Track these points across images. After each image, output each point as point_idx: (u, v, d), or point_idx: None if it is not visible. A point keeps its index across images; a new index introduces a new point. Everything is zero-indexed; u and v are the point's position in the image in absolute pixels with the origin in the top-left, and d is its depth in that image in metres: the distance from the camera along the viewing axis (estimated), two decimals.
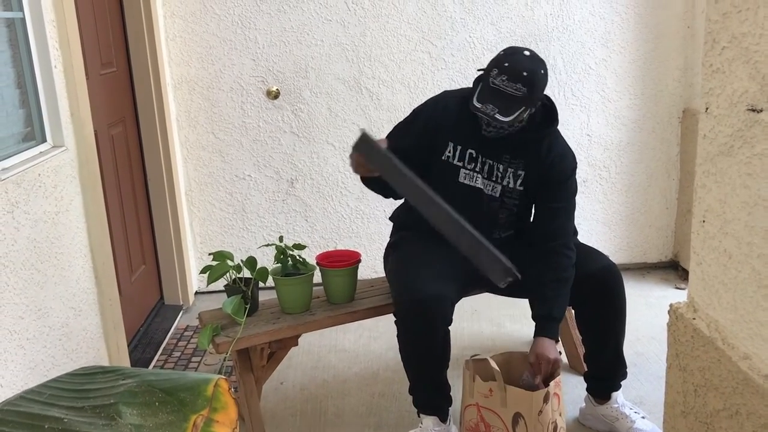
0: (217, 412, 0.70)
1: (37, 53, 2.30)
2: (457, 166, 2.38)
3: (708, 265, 1.32)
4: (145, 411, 0.63)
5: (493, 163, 2.36)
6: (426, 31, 3.63)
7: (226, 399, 0.70)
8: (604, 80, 3.73)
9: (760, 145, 1.12)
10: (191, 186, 3.79)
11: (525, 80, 2.14)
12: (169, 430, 0.61)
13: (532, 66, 2.18)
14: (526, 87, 2.15)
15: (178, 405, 0.64)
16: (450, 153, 2.38)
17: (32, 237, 2.10)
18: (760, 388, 1.13)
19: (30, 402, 0.65)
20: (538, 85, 2.19)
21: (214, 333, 2.37)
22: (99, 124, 2.88)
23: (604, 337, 2.43)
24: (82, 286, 2.44)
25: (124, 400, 0.64)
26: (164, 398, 0.64)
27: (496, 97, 2.17)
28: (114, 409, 0.63)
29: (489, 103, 2.17)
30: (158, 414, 0.63)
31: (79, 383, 0.69)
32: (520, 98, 2.16)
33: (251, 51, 3.62)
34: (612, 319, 2.40)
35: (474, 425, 2.24)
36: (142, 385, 0.66)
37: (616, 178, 3.87)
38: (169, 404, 0.64)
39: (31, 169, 2.12)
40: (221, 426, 0.69)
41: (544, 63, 2.25)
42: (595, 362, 2.50)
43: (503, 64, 2.17)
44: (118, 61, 3.24)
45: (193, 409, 0.63)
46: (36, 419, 0.62)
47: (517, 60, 2.18)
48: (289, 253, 2.51)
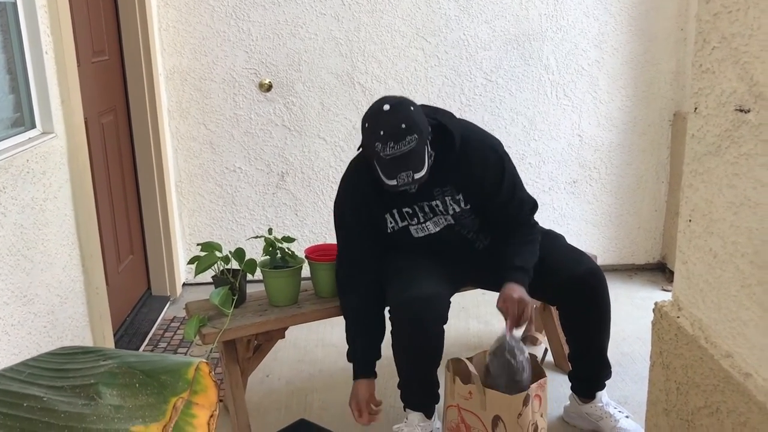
0: (197, 395, 0.70)
1: (28, 39, 2.29)
2: (404, 226, 2.36)
3: (693, 264, 1.33)
4: (125, 392, 0.63)
5: (430, 203, 2.33)
6: (420, 27, 3.63)
7: (206, 382, 0.70)
8: (597, 81, 3.75)
9: (747, 145, 1.13)
10: (181, 177, 3.77)
11: (408, 131, 2.08)
12: (148, 412, 0.61)
13: (401, 113, 2.11)
14: (413, 134, 2.09)
15: (158, 387, 0.64)
16: (392, 224, 2.37)
17: (19, 223, 2.08)
18: (740, 386, 1.14)
19: (9, 380, 0.65)
20: (420, 123, 2.13)
21: (200, 324, 2.36)
22: (90, 112, 2.86)
23: (587, 339, 2.44)
24: (69, 273, 2.43)
25: (104, 381, 0.64)
26: (145, 380, 0.64)
27: (400, 164, 2.10)
28: (94, 389, 0.63)
29: (401, 173, 2.11)
30: (138, 395, 0.63)
31: (60, 363, 0.69)
32: (416, 147, 2.10)
33: (244, 43, 3.61)
34: (595, 321, 2.40)
35: (455, 426, 2.24)
36: (123, 367, 0.66)
37: (606, 179, 3.89)
38: (149, 386, 0.64)
39: (19, 154, 2.11)
40: (201, 408, 0.69)
41: (406, 101, 2.18)
42: (579, 363, 2.51)
43: (380, 134, 2.09)
44: (110, 49, 3.23)
45: (174, 392, 0.63)
46: (15, 397, 0.62)
47: (387, 121, 2.10)
48: (278, 245, 2.51)
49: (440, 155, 2.27)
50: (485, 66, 3.69)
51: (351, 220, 2.38)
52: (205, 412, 0.68)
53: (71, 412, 0.61)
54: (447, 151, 2.28)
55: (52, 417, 0.60)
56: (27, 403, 0.61)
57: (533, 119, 3.79)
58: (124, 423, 0.60)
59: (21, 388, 0.63)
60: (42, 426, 0.60)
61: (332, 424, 2.54)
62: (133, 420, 0.61)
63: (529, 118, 3.78)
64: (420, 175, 2.13)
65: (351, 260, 2.40)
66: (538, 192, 3.87)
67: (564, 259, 2.38)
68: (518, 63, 3.70)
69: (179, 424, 0.69)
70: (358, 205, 2.36)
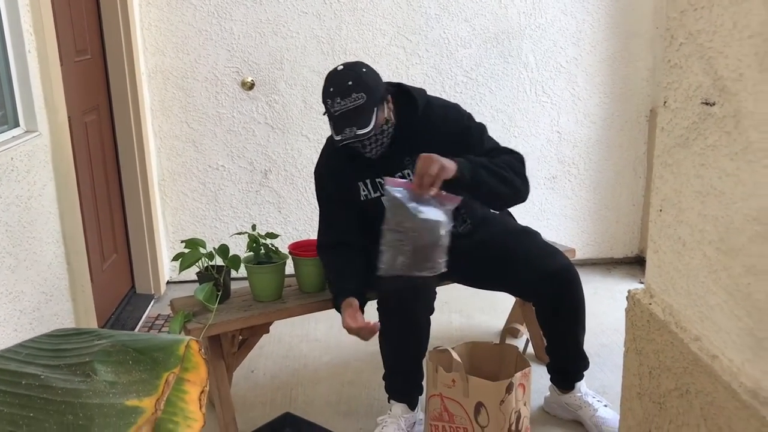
0: (188, 372, 0.74)
1: (10, 38, 2.30)
2: (377, 197, 2.40)
3: (664, 253, 1.37)
4: (119, 369, 0.66)
5: (402, 172, 2.37)
6: (401, 26, 3.67)
7: (197, 359, 0.74)
8: (575, 78, 3.81)
9: (712, 137, 1.18)
10: (164, 176, 3.79)
11: (356, 88, 2.16)
12: (142, 387, 0.65)
13: (351, 72, 2.21)
14: (361, 92, 2.16)
15: (151, 363, 0.67)
16: (365, 192, 2.42)
17: (4, 220, 2.10)
18: (707, 367, 1.19)
19: (7, 360, 0.68)
20: (370, 83, 2.20)
21: (186, 320, 2.39)
22: (73, 110, 2.87)
23: (562, 335, 2.49)
24: (54, 271, 2.44)
25: (99, 359, 0.68)
26: (138, 357, 0.68)
27: (346, 120, 2.18)
28: (89, 366, 0.66)
29: (345, 129, 2.18)
30: (132, 372, 0.66)
31: (55, 343, 0.72)
32: (364, 104, 2.17)
33: (227, 42, 3.63)
34: (570, 317, 2.44)
35: (438, 414, 2.29)
36: (116, 345, 0.69)
37: (584, 174, 3.95)
38: (142, 363, 0.67)
39: (3, 152, 2.12)
40: (192, 384, 0.73)
41: (360, 63, 2.28)
42: (556, 356, 2.56)
43: (329, 90, 2.21)
44: (93, 48, 3.24)
45: (166, 367, 0.67)
46: (14, 376, 0.65)
47: (336, 78, 2.22)
48: (262, 241, 2.54)
49: (406, 122, 2.34)
50: (465, 64, 3.74)
51: (329, 184, 2.46)
52: (196, 388, 0.72)
53: (68, 388, 0.64)
54: (412, 116, 2.35)
55: (50, 393, 0.64)
56: (25, 381, 0.64)
57: (513, 116, 3.84)
58: (119, 398, 0.64)
59: (19, 368, 0.66)
60: (41, 402, 0.63)
61: (317, 418, 2.58)
62: (127, 395, 0.64)
63: (509, 115, 3.84)
64: (363, 131, 2.17)
65: (330, 224, 2.48)
66: None
67: (538, 256, 2.42)
68: (498, 61, 3.75)
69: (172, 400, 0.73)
70: (335, 171, 2.44)
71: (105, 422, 0.61)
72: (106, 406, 0.63)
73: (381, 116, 2.23)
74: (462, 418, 2.23)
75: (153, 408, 0.64)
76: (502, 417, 2.19)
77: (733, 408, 1.11)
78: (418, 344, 2.30)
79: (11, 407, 0.63)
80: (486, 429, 2.20)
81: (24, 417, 0.62)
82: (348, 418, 2.65)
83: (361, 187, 2.41)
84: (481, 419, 2.20)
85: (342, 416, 2.66)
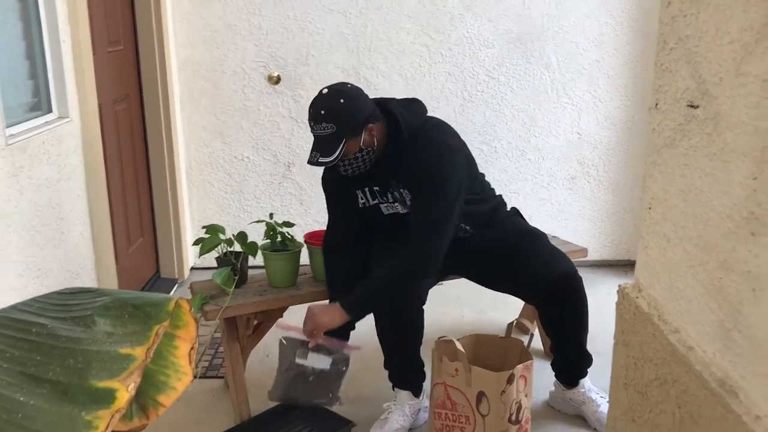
0: (179, 329, 0.83)
1: (46, 28, 2.42)
2: (375, 204, 2.44)
3: (651, 249, 1.43)
4: (116, 322, 0.76)
5: (391, 190, 2.39)
6: (425, 24, 3.74)
7: (187, 318, 0.83)
8: (597, 80, 3.84)
9: (695, 137, 1.24)
10: (191, 165, 3.91)
11: (326, 118, 2.19)
12: (135, 338, 0.73)
13: (329, 101, 2.22)
14: (331, 123, 2.19)
15: (144, 317, 0.76)
16: (362, 200, 2.45)
17: (34, 201, 2.22)
18: (683, 357, 1.24)
19: (20, 312, 0.78)
20: (343, 116, 2.20)
21: (203, 302, 2.49)
22: (104, 99, 2.99)
23: (565, 336, 2.54)
24: (80, 251, 2.56)
25: (99, 313, 0.77)
26: (133, 312, 0.77)
27: (316, 144, 2.24)
28: (90, 319, 0.76)
29: (313, 151, 2.24)
30: (127, 324, 0.75)
31: (63, 299, 0.82)
32: (331, 135, 2.19)
33: (255, 36, 3.73)
34: (572, 321, 2.49)
35: (441, 402, 2.36)
36: (115, 302, 0.78)
37: (603, 176, 3.98)
38: (136, 317, 0.76)
39: (36, 136, 2.24)
40: (183, 341, 0.82)
41: (343, 93, 2.24)
42: (559, 355, 2.61)
43: (309, 111, 2.25)
44: (126, 39, 3.36)
45: (157, 321, 0.76)
46: (25, 325, 0.75)
47: (315, 102, 2.25)
48: (279, 230, 2.63)
49: (394, 146, 2.33)
50: (487, 63, 3.80)
51: (334, 189, 2.51)
52: (187, 344, 0.81)
53: (71, 336, 0.74)
54: (399, 142, 2.34)
55: (56, 341, 0.73)
56: (35, 329, 0.74)
57: (534, 116, 3.89)
58: (115, 346, 0.73)
59: (30, 318, 0.76)
60: (47, 347, 0.72)
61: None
62: (122, 344, 0.73)
63: (530, 115, 3.89)
64: (325, 160, 2.21)
65: (335, 226, 2.53)
66: (537, 187, 3.98)
67: (541, 261, 2.45)
68: (520, 61, 3.80)
69: (164, 354, 0.82)
70: (336, 179, 2.47)
71: (101, 366, 0.71)
72: (103, 353, 0.72)
73: (353, 146, 2.23)
74: (464, 406, 2.30)
75: (144, 356, 0.73)
76: (502, 407, 2.25)
77: (703, 396, 1.17)
78: (412, 334, 2.36)
79: (22, 351, 0.72)
80: (487, 418, 2.27)
81: (32, 360, 0.71)
82: (356, 404, 2.73)
83: (359, 195, 2.44)
84: (482, 408, 2.27)
85: (350, 402, 2.73)
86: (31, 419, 0.66)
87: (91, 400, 0.68)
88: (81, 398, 0.68)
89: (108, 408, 0.68)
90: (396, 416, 2.46)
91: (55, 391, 0.68)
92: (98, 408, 0.67)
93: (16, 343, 0.73)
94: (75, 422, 0.66)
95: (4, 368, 0.70)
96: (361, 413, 2.66)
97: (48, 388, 0.69)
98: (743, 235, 1.08)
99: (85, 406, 0.68)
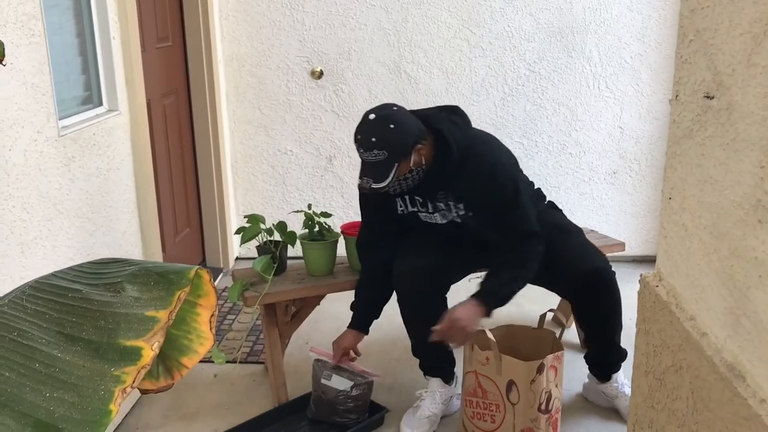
0: (201, 297, 0.91)
1: (98, 25, 2.54)
2: (414, 212, 2.48)
3: (671, 238, 1.46)
4: (142, 288, 0.84)
5: (435, 202, 2.43)
6: (466, 18, 3.77)
7: (208, 288, 0.91)
8: (639, 74, 3.81)
9: (711, 128, 1.26)
10: (236, 158, 4.02)
11: (377, 145, 2.19)
12: (159, 302, 0.81)
13: (378, 129, 2.21)
14: (382, 150, 2.19)
15: (167, 284, 0.84)
16: (401, 207, 2.48)
17: (85, 189, 2.34)
18: (697, 344, 1.27)
19: (59, 279, 0.87)
20: (394, 142, 2.20)
21: (243, 288, 2.59)
22: (152, 93, 3.12)
23: (598, 331, 2.56)
24: (128, 239, 2.68)
25: (127, 280, 0.85)
26: (158, 279, 0.85)
27: (367, 169, 2.25)
28: (120, 285, 0.84)
29: (364, 177, 2.25)
30: (152, 290, 0.83)
31: (96, 268, 0.91)
32: (383, 161, 2.20)
33: (298, 32, 3.82)
34: (604, 315, 2.50)
35: (472, 390, 2.40)
36: (142, 270, 0.87)
37: (646, 171, 3.95)
38: (160, 284, 0.84)
39: (87, 128, 2.37)
40: (204, 308, 0.90)
41: (391, 118, 2.24)
42: (592, 349, 2.63)
43: (357, 137, 2.25)
44: (174, 35, 3.49)
45: (178, 287, 0.83)
46: (63, 290, 0.84)
47: (364, 129, 2.24)
48: (317, 220, 2.71)
49: (442, 163, 2.33)
50: (528, 57, 3.81)
51: (369, 196, 2.50)
52: (207, 312, 0.89)
53: (102, 300, 0.82)
54: (448, 160, 2.33)
55: (89, 304, 0.82)
56: (71, 294, 0.83)
57: (575, 110, 3.88)
58: (141, 309, 0.81)
59: (67, 284, 0.85)
60: (81, 310, 0.81)
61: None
62: (147, 308, 0.82)
63: (571, 109, 3.88)
64: (378, 186, 2.23)
65: (371, 229, 2.56)
66: (578, 182, 3.98)
67: (573, 255, 2.46)
68: (561, 55, 3.80)
69: (187, 320, 0.90)
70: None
71: (128, 327, 0.79)
72: (130, 315, 0.80)
73: (404, 168, 2.26)
74: (494, 394, 2.34)
75: (167, 318, 0.80)
76: (532, 396, 2.29)
77: (713, 381, 1.20)
78: (433, 323, 2.37)
79: (59, 313, 0.81)
80: (516, 406, 2.31)
81: (69, 321, 0.80)
82: (392, 391, 2.80)
83: (398, 202, 2.48)
84: (512, 396, 2.31)
85: (386, 389, 2.81)
86: (67, 373, 0.75)
87: (119, 357, 0.76)
88: (111, 355, 0.76)
89: (135, 365, 0.76)
90: (427, 403, 2.52)
91: (88, 348, 0.77)
92: (126, 364, 0.76)
93: (54, 306, 0.81)
94: (105, 376, 0.74)
95: (44, 328, 0.79)
96: (396, 400, 2.72)
97: (82, 346, 0.77)
98: (752, 222, 1.10)
99: (114, 363, 0.76)
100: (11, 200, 1.96)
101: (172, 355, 0.91)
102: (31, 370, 0.75)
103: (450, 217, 2.46)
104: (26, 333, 0.78)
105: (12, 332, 0.78)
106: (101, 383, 0.74)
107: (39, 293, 0.83)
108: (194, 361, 0.91)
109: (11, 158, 1.95)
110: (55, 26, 2.32)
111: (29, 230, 2.04)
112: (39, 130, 2.08)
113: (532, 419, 2.31)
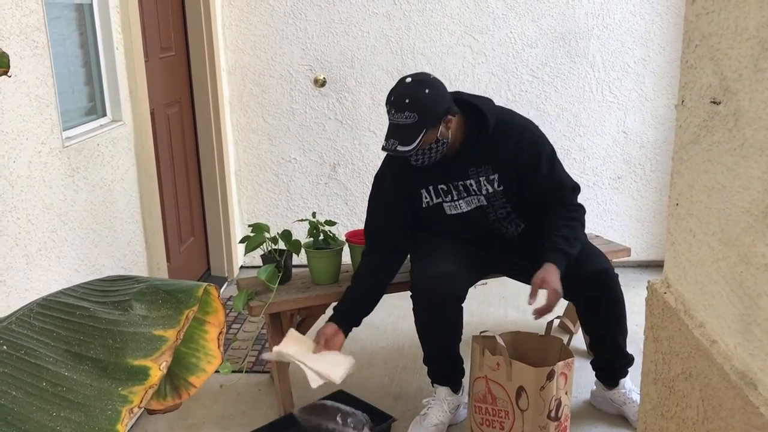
0: (209, 315, 0.90)
1: (101, 36, 2.55)
2: (439, 203, 2.48)
3: (679, 245, 1.45)
4: (150, 306, 0.83)
5: (465, 182, 2.44)
6: (468, 25, 3.77)
7: (216, 305, 0.90)
8: (643, 79, 3.81)
9: (718, 134, 1.25)
10: (240, 166, 4.02)
11: (410, 107, 2.22)
12: (167, 321, 0.81)
13: (414, 91, 2.25)
14: (414, 112, 2.22)
15: (175, 302, 0.83)
16: (427, 199, 2.49)
17: (89, 200, 2.34)
18: (707, 351, 1.26)
19: (67, 296, 0.86)
20: (427, 106, 2.23)
21: (248, 297, 2.58)
22: (156, 103, 3.12)
23: (602, 335, 2.55)
24: (133, 249, 2.68)
25: (135, 298, 0.85)
26: (166, 297, 0.84)
27: (394, 132, 2.26)
28: (128, 303, 0.83)
29: (390, 139, 2.27)
30: (160, 309, 0.83)
31: (104, 286, 0.91)
32: (413, 125, 2.22)
33: (301, 41, 3.82)
34: (607, 319, 2.49)
35: (482, 396, 2.39)
36: (150, 288, 0.86)
37: (650, 175, 3.94)
38: (169, 302, 0.83)
39: (91, 139, 2.37)
40: (212, 326, 0.89)
41: (427, 83, 2.28)
42: (598, 354, 2.61)
43: (390, 99, 2.28)
44: (177, 45, 3.49)
45: (187, 306, 0.83)
46: (71, 308, 0.83)
47: (399, 91, 2.27)
48: (321, 228, 2.71)
49: (474, 137, 2.39)
50: (531, 63, 3.81)
51: (387, 192, 2.52)
52: (215, 329, 0.88)
53: (110, 319, 0.82)
54: (481, 133, 2.39)
55: (96, 322, 0.81)
56: (79, 312, 0.82)
57: (578, 115, 3.88)
58: (149, 328, 0.80)
59: (75, 302, 0.84)
60: (89, 328, 0.81)
61: (369, 397, 2.72)
62: (155, 326, 0.81)
63: (575, 114, 3.88)
64: (404, 149, 2.25)
65: (378, 231, 2.53)
66: (583, 187, 3.91)
67: (579, 258, 2.45)
68: (564, 60, 3.80)
69: (195, 338, 0.90)
70: (398, 179, 2.49)
71: (136, 346, 0.78)
72: (138, 334, 0.79)
73: (431, 136, 2.28)
74: (504, 401, 2.33)
75: (175, 337, 0.80)
76: (541, 402, 2.28)
77: (724, 389, 1.18)
78: (450, 330, 2.38)
79: (67, 331, 0.80)
80: (526, 413, 2.29)
81: (76, 339, 0.79)
82: (398, 399, 2.79)
83: (423, 194, 2.48)
84: (521, 403, 2.29)
85: (392, 398, 2.80)
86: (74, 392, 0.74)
87: (127, 377, 0.76)
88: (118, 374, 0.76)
89: (142, 384, 0.75)
90: (435, 412, 2.50)
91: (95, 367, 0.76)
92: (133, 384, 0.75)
93: (62, 324, 0.81)
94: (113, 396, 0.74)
95: (52, 346, 0.78)
96: (402, 409, 2.71)
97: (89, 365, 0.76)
98: (761, 228, 1.09)
99: (121, 382, 0.75)
100: (16, 212, 1.95)
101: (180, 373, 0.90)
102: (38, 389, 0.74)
103: (474, 203, 2.47)
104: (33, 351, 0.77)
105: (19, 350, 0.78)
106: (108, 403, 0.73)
107: (46, 311, 0.83)
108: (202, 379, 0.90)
109: (15, 170, 1.95)
110: (58, 38, 2.33)
111: (34, 242, 2.04)
112: (43, 141, 2.08)
113: (542, 426, 2.30)
